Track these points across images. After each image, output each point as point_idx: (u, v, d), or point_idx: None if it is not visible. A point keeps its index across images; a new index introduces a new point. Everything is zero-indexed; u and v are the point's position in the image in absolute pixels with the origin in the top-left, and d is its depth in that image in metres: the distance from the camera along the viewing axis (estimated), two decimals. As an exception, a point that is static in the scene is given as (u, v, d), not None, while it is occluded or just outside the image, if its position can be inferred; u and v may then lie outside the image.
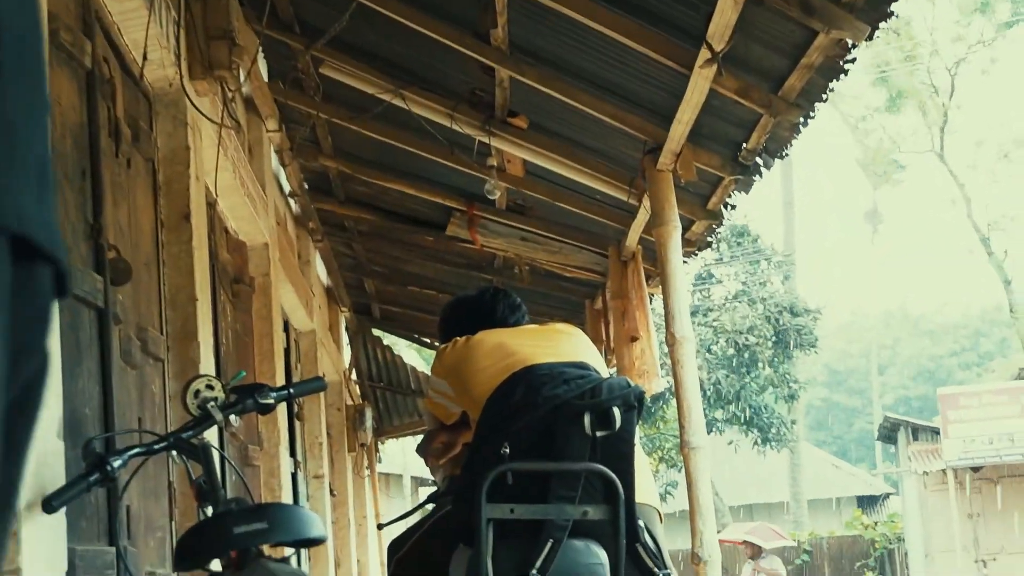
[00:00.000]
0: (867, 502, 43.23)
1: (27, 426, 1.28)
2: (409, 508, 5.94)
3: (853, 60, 5.63)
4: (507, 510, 4.30)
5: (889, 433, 32.64)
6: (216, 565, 3.79)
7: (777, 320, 32.83)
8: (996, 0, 41.39)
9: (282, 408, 8.56)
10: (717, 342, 32.95)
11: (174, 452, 3.93)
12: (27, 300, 1.20)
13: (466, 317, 5.14)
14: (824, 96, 6.16)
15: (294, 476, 10.29)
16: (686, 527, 9.07)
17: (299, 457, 11.03)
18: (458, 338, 4.91)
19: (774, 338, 32.85)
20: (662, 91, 6.61)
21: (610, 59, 6.62)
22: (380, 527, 5.61)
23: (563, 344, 4.87)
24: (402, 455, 29.46)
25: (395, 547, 4.95)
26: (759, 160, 7.12)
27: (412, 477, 32.27)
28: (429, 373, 5.33)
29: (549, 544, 4.30)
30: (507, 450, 4.35)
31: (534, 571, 4.28)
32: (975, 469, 27.29)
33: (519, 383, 4.50)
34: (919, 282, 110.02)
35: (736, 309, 33.25)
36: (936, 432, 27.92)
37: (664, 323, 7.28)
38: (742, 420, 33.38)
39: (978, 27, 42.41)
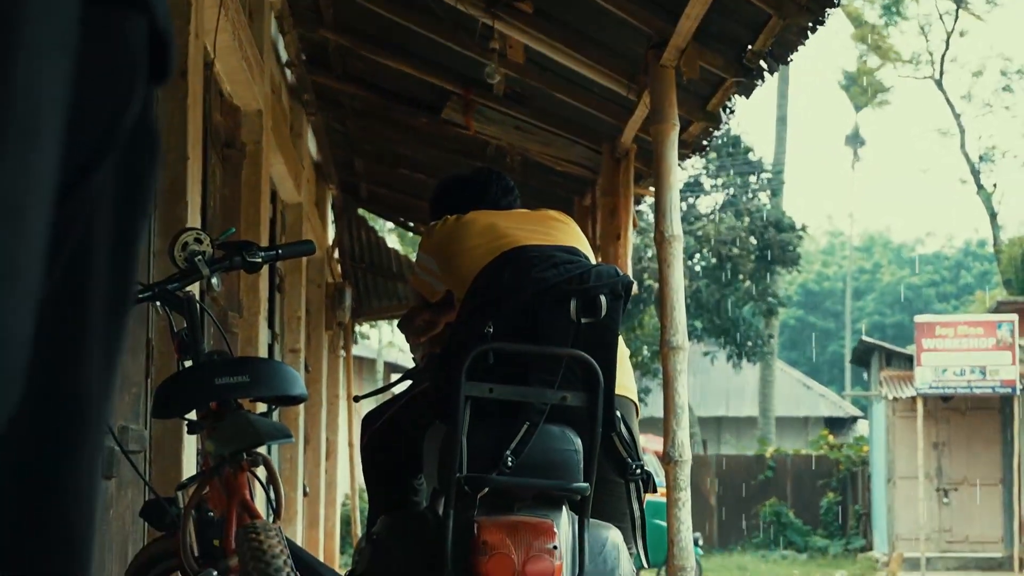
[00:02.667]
0: (835, 424, 43.52)
1: (135, 215, 1.22)
2: (383, 387, 5.95)
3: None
4: (486, 389, 4.31)
5: (862, 357, 32.77)
6: (193, 416, 3.79)
7: (762, 234, 32.87)
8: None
9: (264, 278, 8.56)
10: (700, 251, 32.99)
11: (158, 303, 3.92)
12: (106, 46, 1.11)
13: (458, 196, 5.14)
14: (837, 1, 6.12)
15: (271, 348, 10.32)
16: (656, 434, 9.15)
17: (277, 329, 11.06)
18: (448, 216, 4.90)
19: (757, 252, 32.91)
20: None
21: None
22: (356, 399, 5.63)
23: (555, 230, 4.86)
24: (378, 339, 29.60)
25: (369, 421, 4.97)
26: (763, 63, 7.07)
27: (386, 363, 32.45)
28: (413, 256, 5.34)
29: (525, 426, 4.31)
30: (491, 329, 4.35)
31: (508, 452, 4.29)
32: (945, 399, 27.44)
33: (508, 263, 4.50)
34: (903, 209, 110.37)
35: (722, 220, 33.25)
36: (909, 359, 28.02)
37: (654, 221, 7.26)
38: (720, 331, 33.51)
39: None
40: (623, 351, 4.83)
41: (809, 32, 6.45)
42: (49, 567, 1.18)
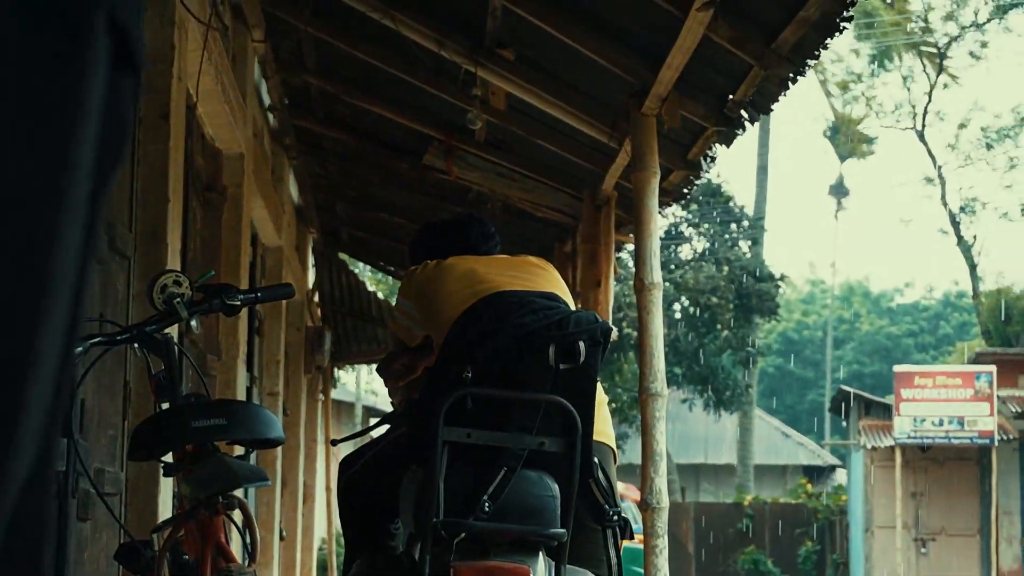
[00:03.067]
0: (814, 473, 43.50)
1: (88, 253, 1.22)
2: (359, 431, 5.94)
3: (850, 17, 5.61)
4: (464, 434, 4.31)
5: (840, 406, 32.80)
6: (170, 458, 3.78)
7: (741, 283, 32.94)
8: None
9: (243, 321, 8.54)
10: (679, 299, 33.04)
11: (136, 345, 3.91)
12: (113, 109, 1.14)
13: (438, 241, 5.14)
14: (818, 52, 6.13)
15: (249, 390, 10.29)
16: (633, 481, 9.13)
17: (256, 372, 11.03)
18: (428, 261, 4.91)
19: (736, 301, 32.96)
20: (655, 33, 6.54)
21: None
22: (334, 443, 5.61)
23: (534, 275, 4.87)
24: (356, 383, 29.52)
25: (347, 465, 4.96)
26: (744, 113, 7.09)
27: (364, 407, 32.37)
28: (393, 300, 5.34)
29: (503, 472, 4.31)
30: (469, 374, 4.35)
31: (485, 497, 4.28)
32: (923, 449, 27.51)
33: (487, 308, 4.50)
34: (883, 259, 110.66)
35: (701, 268, 33.32)
36: (888, 409, 28.10)
37: (635, 269, 7.26)
38: (698, 378, 33.52)
39: (972, 7, 42.43)
40: (601, 397, 4.84)
41: (790, 83, 6.48)
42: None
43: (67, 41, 1.04)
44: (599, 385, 4.68)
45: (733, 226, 35.47)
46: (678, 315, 33.09)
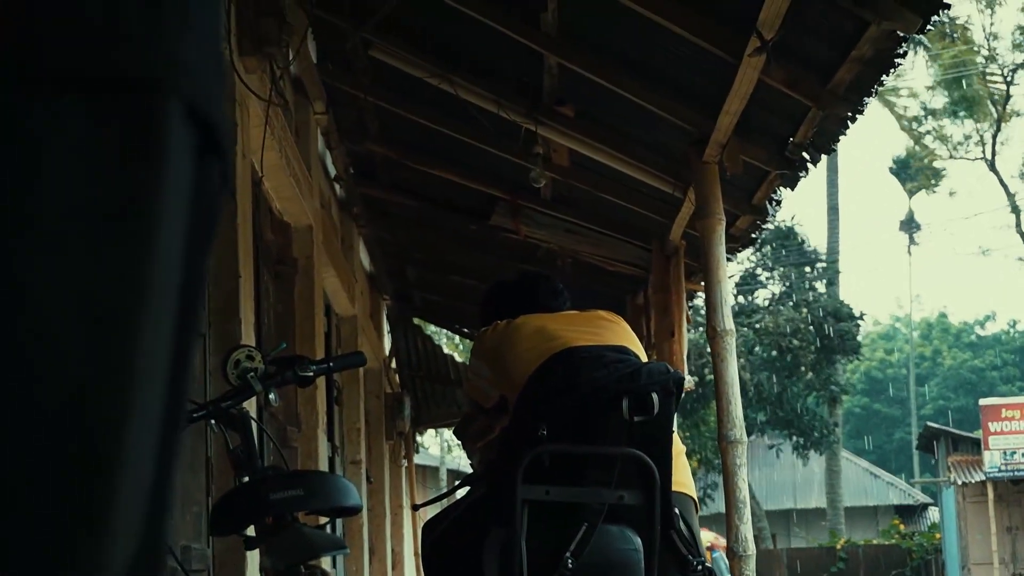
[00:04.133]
0: (905, 512, 43.06)
1: (189, 339, 1.25)
2: (442, 494, 5.95)
3: (904, 53, 5.60)
4: (543, 491, 4.31)
5: (928, 443, 32.50)
6: (252, 531, 3.80)
7: (821, 324, 32.72)
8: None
9: (321, 391, 8.58)
10: (761, 343, 32.85)
11: (212, 421, 3.95)
12: (202, 195, 1.14)
13: (507, 301, 5.15)
14: (874, 90, 6.12)
15: (331, 460, 10.31)
16: (723, 530, 9.04)
17: (337, 442, 11.05)
18: (499, 321, 4.92)
19: (817, 343, 32.73)
20: (711, 81, 6.57)
21: (659, 47, 6.60)
22: (416, 508, 5.64)
23: (604, 329, 4.88)
24: (439, 447, 29.54)
25: (429, 528, 4.97)
26: (806, 155, 7.09)
27: (448, 470, 32.37)
28: (469, 361, 5.35)
29: (584, 528, 4.31)
30: (544, 432, 4.36)
31: (568, 554, 4.28)
32: (1015, 482, 27.15)
33: (559, 364, 4.52)
34: (961, 292, 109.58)
35: (780, 312, 33.15)
36: (976, 443, 27.79)
37: (706, 317, 7.26)
38: (783, 423, 33.29)
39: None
40: (679, 447, 4.83)
41: (849, 122, 6.47)
42: None
43: (138, 134, 1.03)
44: (676, 435, 4.67)
45: (808, 268, 35.30)
46: (759, 360, 32.87)
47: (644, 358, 4.81)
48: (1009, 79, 42.14)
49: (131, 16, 1.05)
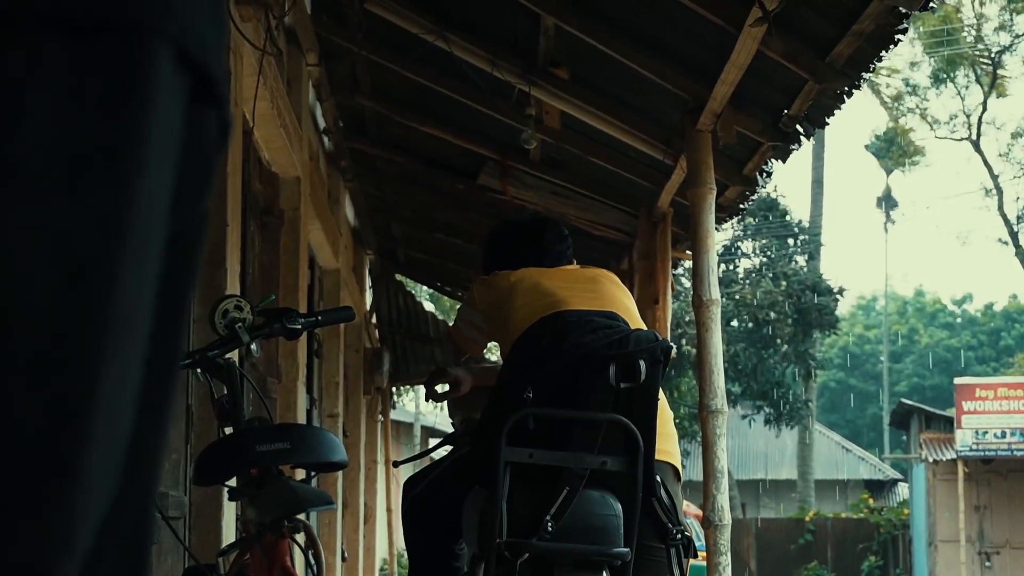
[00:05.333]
0: (875, 487, 43.29)
1: (183, 291, 1.23)
2: (423, 451, 5.95)
3: (905, 29, 5.58)
4: (526, 454, 4.31)
5: (901, 419, 32.65)
6: (234, 482, 3.79)
7: (799, 298, 32.77)
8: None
9: (303, 343, 8.57)
10: (738, 315, 32.91)
11: (199, 370, 3.93)
12: (194, 145, 1.14)
13: (512, 241, 5.14)
14: (873, 66, 6.10)
15: (309, 413, 10.32)
16: (695, 498, 9.08)
17: (315, 395, 11.06)
18: (499, 272, 4.91)
19: (795, 316, 32.80)
20: (708, 50, 6.54)
21: (658, 13, 6.58)
22: (395, 464, 5.63)
23: (599, 290, 4.87)
24: (415, 404, 29.57)
25: (411, 485, 4.97)
26: (799, 128, 7.07)
27: (423, 426, 32.41)
28: (450, 321, 5.34)
29: (565, 492, 4.31)
30: (530, 395, 4.35)
31: (548, 517, 4.28)
32: (985, 461, 27.29)
33: (547, 329, 4.51)
34: (941, 272, 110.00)
35: (759, 284, 33.20)
36: (949, 422, 27.90)
37: (692, 286, 7.25)
38: (758, 394, 33.39)
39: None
40: (667, 414, 4.82)
41: (845, 96, 6.45)
42: None
43: (123, 78, 1.03)
44: (664, 402, 4.67)
45: (790, 241, 35.33)
46: (736, 331, 32.93)
47: (639, 322, 4.81)
48: (996, 59, 42.11)
49: None
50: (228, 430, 3.83)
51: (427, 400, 5.52)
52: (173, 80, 1.06)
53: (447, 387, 5.21)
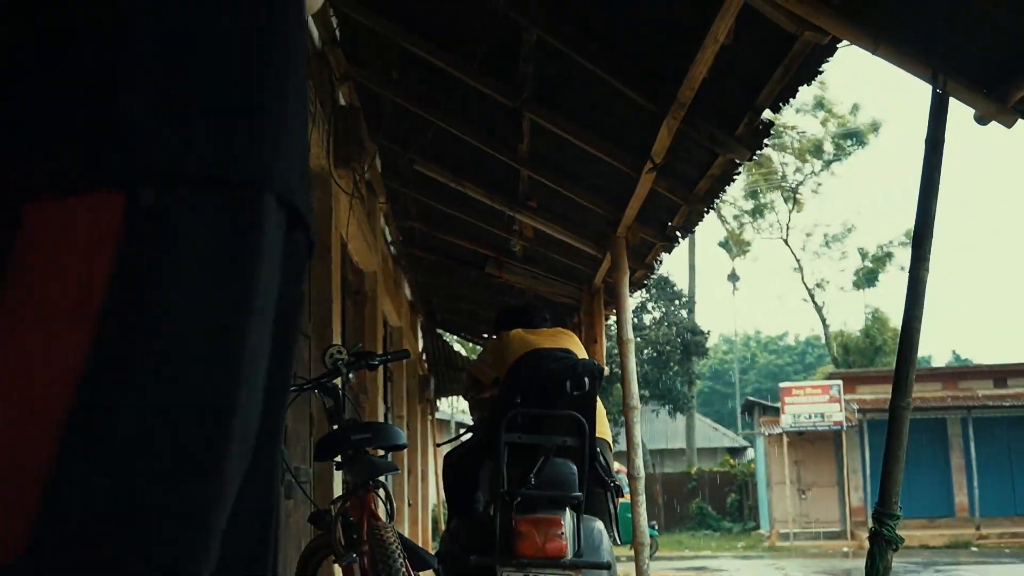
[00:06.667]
0: (733, 451, 42.96)
1: (292, 340, 1.20)
2: (453, 437, 5.91)
3: (739, 173, 5.60)
4: (516, 437, 4.29)
5: (748, 410, 32.57)
6: (339, 459, 3.76)
7: (683, 337, 32.72)
8: (828, 140, 40.92)
9: (380, 373, 8.53)
10: (646, 348, 32.82)
11: (316, 391, 3.91)
12: (292, 252, 1.12)
13: (513, 317, 5.16)
14: (720, 195, 6.12)
15: (386, 415, 10.25)
16: (622, 461, 9.05)
17: (389, 404, 11.00)
18: (503, 332, 4.93)
19: (681, 348, 32.75)
20: (622, 186, 6.57)
21: (592, 167, 6.58)
22: (438, 445, 5.60)
23: (559, 337, 4.89)
24: (450, 408, 29.34)
25: (447, 458, 4.96)
26: (678, 233, 7.08)
27: (456, 422, 32.16)
28: (472, 356, 5.35)
29: (541, 459, 4.29)
30: (519, 400, 4.34)
31: (532, 475, 4.26)
32: (799, 433, 27.16)
33: (528, 360, 4.50)
34: (768, 318, 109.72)
35: (659, 329, 33.14)
36: (777, 410, 27.80)
37: (616, 332, 7.23)
38: (660, 396, 33.25)
39: (813, 162, 42.03)
40: (602, 411, 4.81)
41: (704, 213, 6.47)
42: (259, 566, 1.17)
43: (244, 216, 1.01)
44: (600, 403, 4.66)
45: (676, 302, 35.25)
46: (645, 358, 32.81)
47: (584, 355, 4.81)
48: (795, 188, 41.97)
49: (242, 138, 1.02)
50: (335, 427, 3.81)
51: (468, 401, 5.52)
52: (276, 215, 1.04)
53: (475, 397, 5.21)
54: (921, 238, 3.23)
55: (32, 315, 0.92)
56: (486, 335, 5.39)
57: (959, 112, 3.32)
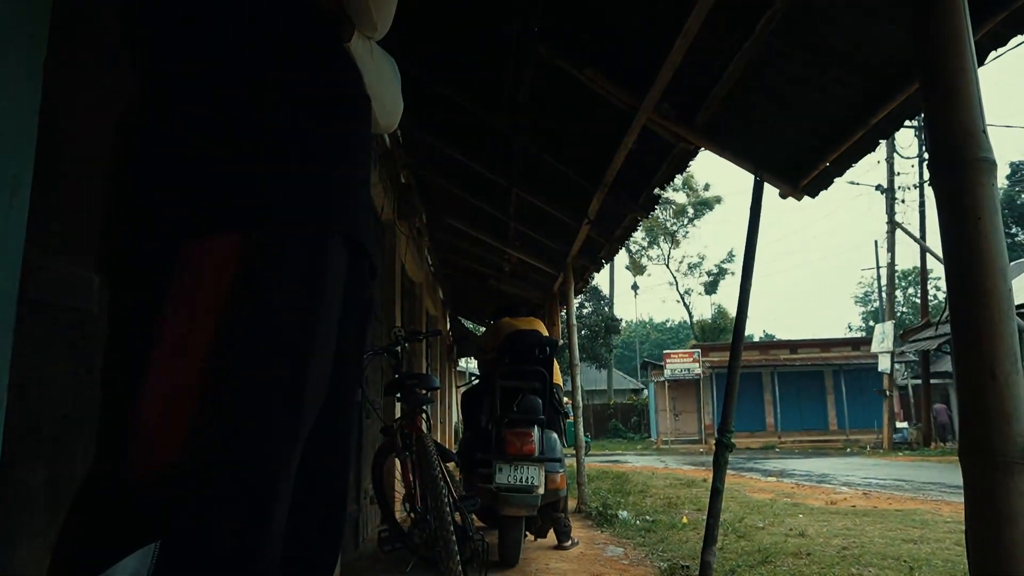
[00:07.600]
0: (636, 392, 42.78)
1: (364, 329, 1.07)
2: (467, 382, 5.85)
3: (640, 225, 5.57)
4: (505, 382, 4.24)
5: (644, 366, 32.50)
6: (398, 395, 3.71)
7: (605, 324, 32.64)
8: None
9: (424, 344, 8.42)
10: (583, 330, 32.74)
11: (385, 354, 3.87)
12: (357, 276, 1.04)
13: (503, 310, 5.11)
14: (628, 240, 6.08)
15: (426, 369, 10.09)
16: (569, 397, 9.04)
17: (428, 361, 10.85)
18: (499, 318, 4.89)
19: (604, 329, 32.68)
20: (570, 234, 6.52)
21: (552, 221, 6.50)
22: (458, 387, 5.54)
23: (532, 324, 4.84)
24: (465, 364, 29.15)
25: (464, 395, 4.89)
26: (603, 260, 7.05)
27: (469, 373, 31.92)
28: (479, 332, 5.30)
29: (521, 395, 4.25)
30: (507, 360, 4.31)
31: (515, 406, 4.22)
32: (675, 381, 27.10)
33: (513, 336, 4.47)
34: (659, 311, 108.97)
35: (591, 317, 33.06)
36: (662, 367, 27.74)
37: (565, 321, 7.18)
38: (591, 357, 33.16)
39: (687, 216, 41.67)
40: (556, 367, 4.78)
41: (619, 249, 6.42)
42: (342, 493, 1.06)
43: (317, 251, 0.92)
44: (555, 363, 4.63)
45: (600, 302, 35.16)
46: (583, 336, 32.72)
47: (546, 333, 4.78)
48: (675, 232, 41.70)
49: (317, 198, 0.94)
50: (396, 375, 3.77)
51: (473, 357, 5.42)
52: (341, 248, 0.97)
53: (478, 356, 5.12)
54: (748, 264, 3.23)
55: (186, 309, 0.88)
56: (488, 321, 5.30)
57: (770, 190, 3.35)
